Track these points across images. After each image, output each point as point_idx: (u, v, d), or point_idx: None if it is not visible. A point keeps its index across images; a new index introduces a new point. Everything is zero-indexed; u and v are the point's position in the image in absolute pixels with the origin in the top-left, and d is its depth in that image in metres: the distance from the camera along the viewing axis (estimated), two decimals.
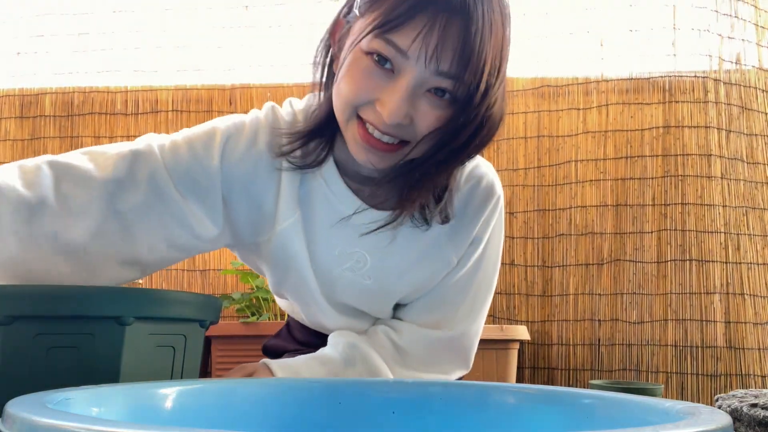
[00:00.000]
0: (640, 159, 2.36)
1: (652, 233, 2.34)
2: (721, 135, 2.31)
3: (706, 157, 2.30)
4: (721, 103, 2.32)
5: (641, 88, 2.38)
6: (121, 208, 0.80)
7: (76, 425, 0.30)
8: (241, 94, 2.57)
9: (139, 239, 0.82)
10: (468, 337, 0.97)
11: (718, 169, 2.30)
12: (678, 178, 2.32)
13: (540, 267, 2.40)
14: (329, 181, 0.86)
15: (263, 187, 0.86)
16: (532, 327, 2.38)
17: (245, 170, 0.85)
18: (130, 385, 0.56)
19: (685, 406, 0.38)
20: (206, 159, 0.83)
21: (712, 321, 2.26)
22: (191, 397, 0.57)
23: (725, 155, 2.31)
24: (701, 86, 2.33)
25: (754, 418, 1.46)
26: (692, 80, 2.34)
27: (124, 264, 0.83)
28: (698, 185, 2.30)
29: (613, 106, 2.38)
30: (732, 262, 2.28)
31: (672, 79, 2.35)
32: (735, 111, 2.33)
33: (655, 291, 2.31)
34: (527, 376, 2.37)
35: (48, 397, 0.42)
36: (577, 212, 2.39)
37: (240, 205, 0.86)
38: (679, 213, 2.32)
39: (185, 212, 0.83)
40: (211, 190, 0.84)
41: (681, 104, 2.33)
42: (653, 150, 2.35)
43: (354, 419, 0.59)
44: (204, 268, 2.52)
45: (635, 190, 2.36)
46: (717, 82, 2.32)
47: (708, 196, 2.30)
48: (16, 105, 2.62)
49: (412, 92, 0.72)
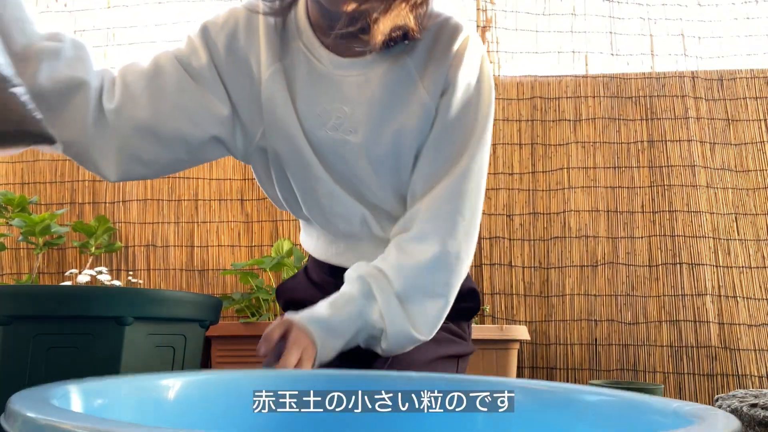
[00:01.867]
0: (628, 169, 2.44)
1: (642, 238, 2.38)
2: (705, 147, 2.41)
3: (690, 168, 2.39)
4: (703, 118, 2.42)
5: (624, 106, 2.48)
6: (152, 85, 0.91)
7: (79, 424, 0.30)
8: None
9: (163, 109, 0.91)
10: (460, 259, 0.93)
11: (703, 179, 2.39)
12: (664, 188, 2.41)
13: (537, 268, 2.41)
14: (304, 37, 0.93)
15: (246, 42, 0.93)
16: (530, 327, 2.39)
17: (227, 34, 0.93)
18: (132, 377, 0.56)
19: (693, 408, 0.38)
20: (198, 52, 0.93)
21: (705, 322, 2.30)
22: (194, 388, 0.56)
23: (710, 166, 2.40)
24: (681, 104, 2.44)
25: (754, 418, 1.46)
26: (672, 99, 2.45)
27: (140, 129, 0.90)
28: (684, 194, 2.39)
29: (599, 119, 2.49)
30: (723, 265, 2.34)
31: (653, 98, 2.46)
32: (720, 124, 2.42)
33: (648, 293, 2.35)
34: (527, 375, 2.38)
35: (50, 391, 0.41)
36: (571, 215, 2.41)
37: (233, 75, 0.94)
38: (667, 219, 2.38)
39: (199, 95, 0.92)
40: (211, 80, 0.93)
41: (663, 121, 2.44)
42: (639, 162, 2.44)
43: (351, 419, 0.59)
44: (204, 268, 2.52)
45: (625, 198, 2.42)
46: (697, 99, 2.43)
47: (695, 203, 2.38)
48: None
49: None
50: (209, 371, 0.70)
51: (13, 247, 2.54)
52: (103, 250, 2.36)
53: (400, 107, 0.92)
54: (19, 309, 0.79)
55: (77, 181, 2.57)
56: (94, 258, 2.38)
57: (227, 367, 2.07)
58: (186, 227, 2.54)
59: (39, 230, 2.13)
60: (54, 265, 2.54)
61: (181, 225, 2.54)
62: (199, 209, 2.54)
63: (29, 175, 2.59)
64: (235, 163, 2.55)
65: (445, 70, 0.91)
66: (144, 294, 1.00)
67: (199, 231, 2.53)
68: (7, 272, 2.56)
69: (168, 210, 2.54)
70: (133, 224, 2.54)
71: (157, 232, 2.54)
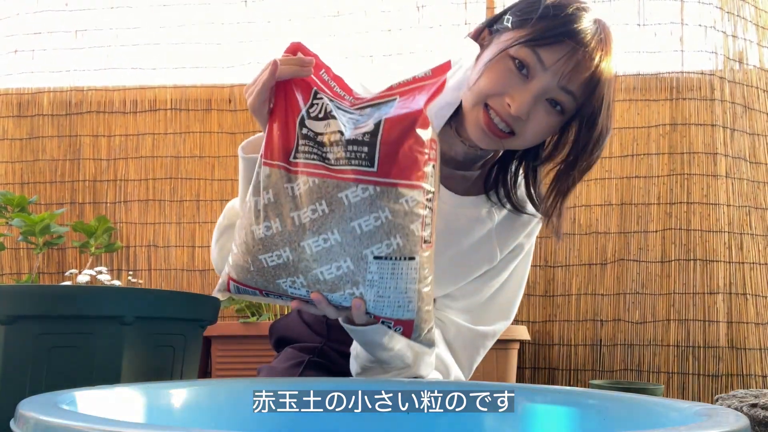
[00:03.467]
0: (646, 157, 2.36)
1: (656, 232, 2.33)
2: (726, 133, 2.31)
3: (711, 156, 2.30)
4: (726, 101, 2.32)
5: (648, 86, 2.38)
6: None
7: (88, 425, 0.30)
8: (240, 92, 2.56)
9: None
10: (497, 334, 1.15)
11: (723, 167, 2.29)
12: (684, 177, 2.32)
13: (542, 267, 2.39)
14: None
15: None
16: (533, 327, 2.37)
17: None
18: (140, 385, 0.55)
19: (702, 407, 0.38)
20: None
21: (714, 321, 2.25)
22: (203, 396, 0.56)
23: (729, 154, 2.30)
24: (707, 84, 2.33)
25: (754, 418, 1.46)
26: (699, 77, 2.34)
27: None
28: (704, 184, 2.30)
29: (619, 103, 2.37)
30: (735, 261, 2.28)
31: (679, 77, 2.35)
32: (739, 110, 2.33)
33: (658, 291, 2.31)
34: (527, 376, 2.37)
35: (59, 396, 0.41)
36: (581, 211, 2.38)
37: None
38: (684, 212, 2.31)
39: None
40: None
41: (688, 101, 2.33)
42: (659, 148, 2.35)
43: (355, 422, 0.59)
44: (204, 268, 2.52)
45: (640, 189, 2.35)
46: (722, 80, 2.32)
47: (713, 194, 2.29)
48: (14, 104, 2.61)
49: (537, 96, 0.91)
50: (217, 381, 0.70)
51: (13, 247, 2.54)
52: (103, 250, 2.36)
53: (471, 249, 1.05)
54: (22, 309, 0.79)
55: (77, 181, 2.57)
56: (94, 258, 2.38)
57: (227, 366, 2.07)
58: (187, 228, 2.54)
59: (39, 230, 2.13)
60: (54, 265, 2.54)
61: (182, 225, 2.54)
62: (200, 210, 2.54)
63: (29, 175, 2.59)
64: (237, 164, 2.54)
65: (519, 236, 1.08)
66: (145, 294, 1.00)
67: (200, 231, 2.53)
68: (7, 272, 2.56)
69: (170, 210, 2.54)
70: (134, 224, 2.54)
71: (158, 232, 2.54)
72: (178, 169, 2.55)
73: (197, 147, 2.56)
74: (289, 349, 1.15)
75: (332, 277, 0.74)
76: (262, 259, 0.76)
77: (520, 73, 0.91)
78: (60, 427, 0.32)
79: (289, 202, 0.75)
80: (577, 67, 0.89)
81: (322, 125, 0.76)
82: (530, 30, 0.91)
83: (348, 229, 0.72)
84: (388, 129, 0.72)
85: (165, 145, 2.56)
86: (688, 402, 0.40)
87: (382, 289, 0.73)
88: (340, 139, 0.73)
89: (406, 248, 0.72)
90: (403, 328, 0.76)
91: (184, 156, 2.55)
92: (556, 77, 0.90)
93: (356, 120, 0.75)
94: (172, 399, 0.57)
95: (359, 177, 0.71)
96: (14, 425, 0.35)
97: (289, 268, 0.75)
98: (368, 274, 0.72)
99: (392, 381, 0.76)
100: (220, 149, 2.55)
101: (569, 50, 0.89)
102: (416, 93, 0.75)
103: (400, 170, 0.71)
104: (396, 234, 0.71)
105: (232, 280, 0.80)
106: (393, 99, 0.76)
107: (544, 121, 0.93)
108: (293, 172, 0.76)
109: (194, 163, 2.55)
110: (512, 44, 0.91)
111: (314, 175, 0.74)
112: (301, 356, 1.10)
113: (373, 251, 0.72)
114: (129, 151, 2.57)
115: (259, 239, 0.76)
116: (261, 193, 0.77)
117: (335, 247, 0.73)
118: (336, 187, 0.72)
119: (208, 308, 1.14)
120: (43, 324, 0.78)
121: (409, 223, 0.72)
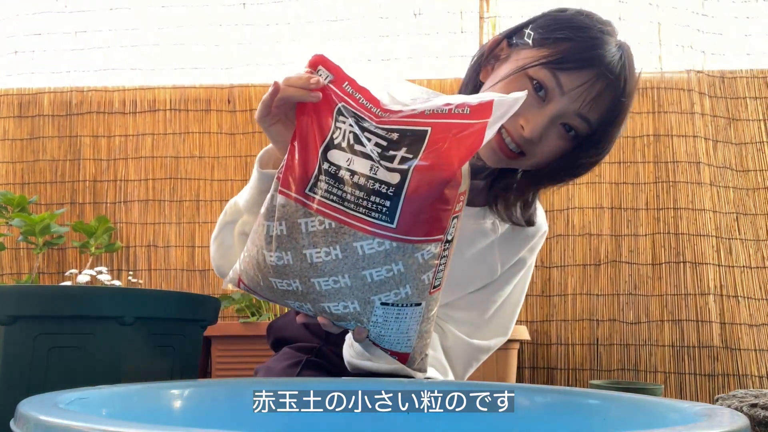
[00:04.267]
0: (633, 165, 2.41)
1: (646, 236, 2.36)
2: (708, 144, 2.37)
3: (695, 165, 2.36)
4: (707, 114, 2.38)
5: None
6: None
7: (88, 425, 0.30)
8: (239, 93, 2.57)
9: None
10: (492, 350, 1.10)
11: (707, 176, 2.35)
12: (669, 184, 2.38)
13: (539, 267, 2.40)
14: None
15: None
16: (531, 327, 2.38)
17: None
18: (140, 385, 0.56)
19: (703, 407, 0.38)
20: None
21: (707, 321, 2.29)
22: (203, 396, 0.56)
23: (713, 164, 2.37)
24: (687, 98, 2.39)
25: (754, 418, 1.46)
26: (678, 92, 2.40)
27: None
28: (689, 191, 2.35)
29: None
30: (725, 265, 2.32)
31: (660, 90, 2.41)
32: (722, 122, 2.38)
33: (651, 292, 2.34)
34: (527, 375, 2.38)
35: (59, 397, 0.41)
36: (575, 213, 2.40)
37: None
38: (672, 217, 2.36)
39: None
40: None
41: (669, 114, 2.40)
42: (645, 157, 2.41)
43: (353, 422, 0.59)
44: (204, 268, 2.52)
45: (629, 195, 2.40)
46: (702, 95, 2.39)
47: (699, 201, 2.35)
48: (15, 105, 2.61)
49: (553, 120, 0.89)
50: (218, 381, 0.70)
51: (13, 247, 2.54)
52: (103, 250, 2.36)
53: (473, 262, 1.03)
54: (22, 309, 0.79)
55: (77, 181, 2.57)
56: (94, 258, 2.38)
57: (227, 366, 2.07)
58: (187, 228, 2.54)
59: (39, 230, 2.13)
60: (54, 265, 2.54)
61: (182, 225, 2.54)
62: (200, 210, 2.54)
63: (29, 175, 2.59)
64: (237, 164, 2.55)
65: (522, 250, 1.06)
66: (145, 294, 1.00)
67: (200, 231, 2.53)
68: (7, 272, 2.56)
69: (170, 211, 2.55)
70: (134, 224, 2.54)
71: (158, 232, 2.54)
72: (177, 170, 2.55)
73: (196, 147, 2.56)
74: (286, 349, 1.15)
75: (339, 312, 0.74)
76: (273, 281, 0.76)
77: (537, 95, 0.88)
78: (60, 427, 0.32)
79: (303, 238, 0.72)
80: (598, 97, 0.87)
81: (344, 159, 0.72)
82: (551, 51, 0.87)
83: (359, 276, 0.71)
84: (415, 185, 0.68)
85: (164, 145, 2.56)
86: (688, 402, 0.40)
87: (385, 329, 0.74)
88: (364, 184, 0.70)
89: (413, 296, 0.72)
90: (398, 357, 0.78)
91: (184, 156, 2.55)
92: (576, 104, 0.87)
93: (382, 148, 0.71)
94: (172, 399, 0.57)
95: (377, 231, 0.69)
96: (14, 425, 0.35)
97: (298, 296, 0.75)
98: (373, 316, 0.73)
99: (392, 381, 0.76)
100: (220, 149, 2.55)
101: (591, 78, 0.86)
102: (450, 135, 0.70)
103: (421, 229, 0.69)
104: (406, 284, 0.71)
105: (243, 282, 0.81)
106: (425, 130, 0.71)
107: (555, 145, 0.91)
108: (310, 207, 0.73)
109: (194, 163, 2.55)
110: (532, 64, 0.88)
111: (331, 218, 0.71)
112: (299, 356, 1.10)
113: (381, 298, 0.72)
114: (129, 151, 2.57)
115: (270, 265, 0.75)
116: (274, 222, 0.75)
117: (344, 289, 0.72)
118: (352, 236, 0.70)
119: (208, 308, 1.14)
120: (43, 324, 0.78)
121: (421, 274, 0.71)
